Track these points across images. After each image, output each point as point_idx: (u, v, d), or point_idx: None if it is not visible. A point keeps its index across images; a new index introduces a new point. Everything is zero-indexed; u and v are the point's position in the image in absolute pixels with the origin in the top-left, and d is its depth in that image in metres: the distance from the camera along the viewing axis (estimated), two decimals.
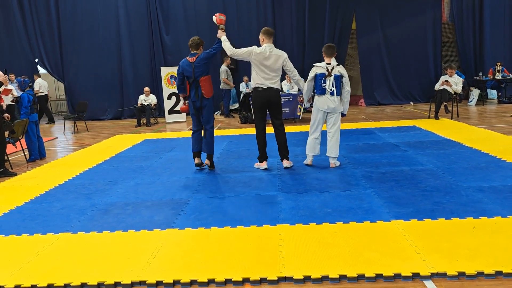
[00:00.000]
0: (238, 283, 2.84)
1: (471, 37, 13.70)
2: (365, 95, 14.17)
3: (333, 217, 3.87)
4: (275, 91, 5.60)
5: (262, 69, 5.50)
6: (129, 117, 14.00)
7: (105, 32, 14.03)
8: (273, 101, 5.60)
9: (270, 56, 5.48)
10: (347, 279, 2.82)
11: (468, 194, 4.30)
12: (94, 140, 9.53)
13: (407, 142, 7.17)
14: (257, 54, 5.46)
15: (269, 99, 5.57)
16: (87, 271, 3.09)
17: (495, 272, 2.77)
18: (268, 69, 5.50)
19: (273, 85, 5.55)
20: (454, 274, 2.78)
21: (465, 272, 2.78)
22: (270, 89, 5.54)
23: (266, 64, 5.48)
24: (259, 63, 5.49)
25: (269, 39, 5.59)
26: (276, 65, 5.53)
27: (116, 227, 3.92)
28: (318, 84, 5.55)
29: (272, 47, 5.54)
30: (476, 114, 10.53)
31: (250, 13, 13.80)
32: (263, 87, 5.54)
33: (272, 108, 5.65)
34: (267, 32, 5.63)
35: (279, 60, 5.53)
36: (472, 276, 2.76)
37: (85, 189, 5.33)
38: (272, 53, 5.50)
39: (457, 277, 2.77)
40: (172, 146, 8.12)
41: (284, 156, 5.78)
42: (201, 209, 4.31)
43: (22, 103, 7.16)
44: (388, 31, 13.82)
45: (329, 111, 5.59)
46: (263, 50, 5.48)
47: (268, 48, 5.50)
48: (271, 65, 5.50)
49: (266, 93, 5.54)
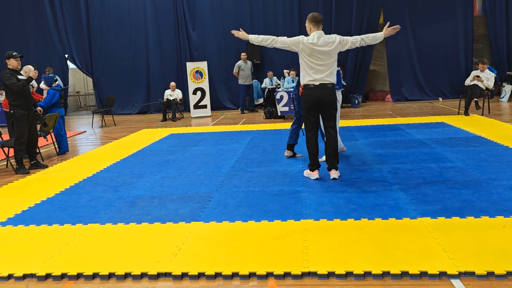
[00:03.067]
0: (262, 277, 2.85)
1: (504, 31, 13.24)
2: (392, 90, 13.92)
3: (358, 213, 3.83)
4: (330, 89, 4.83)
5: (313, 61, 4.77)
6: (155, 112, 14.20)
7: (133, 27, 14.24)
8: (327, 101, 4.82)
9: (321, 45, 4.76)
10: (372, 275, 2.79)
11: (498, 192, 4.18)
12: (121, 134, 9.72)
13: (435, 138, 7.02)
14: (306, 44, 4.76)
15: (321, 99, 4.80)
16: (115, 261, 3.16)
17: None
18: (320, 61, 4.76)
19: (326, 81, 4.80)
20: (483, 273, 2.71)
21: (494, 272, 2.72)
22: (324, 87, 4.79)
23: (317, 55, 4.76)
24: (309, 55, 4.77)
25: (318, 27, 4.86)
26: (330, 55, 4.78)
27: (143, 219, 4.00)
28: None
29: (321, 34, 4.83)
30: (508, 111, 10.20)
31: (276, 7, 13.74)
32: (315, 84, 4.79)
33: (325, 108, 4.89)
34: (314, 18, 4.87)
35: (333, 47, 4.79)
36: (501, 276, 2.69)
37: (113, 181, 5.45)
38: (323, 41, 4.78)
39: (486, 277, 2.71)
40: (198, 140, 8.19)
41: (332, 165, 4.99)
42: (226, 203, 4.34)
43: (49, 98, 7.34)
44: (417, 25, 13.51)
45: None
46: (312, 39, 4.78)
47: (317, 36, 4.80)
48: (323, 56, 4.76)
49: (318, 92, 4.78)
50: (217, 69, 13.99)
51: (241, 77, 12.68)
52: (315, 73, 4.80)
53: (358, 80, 13.81)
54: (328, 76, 4.81)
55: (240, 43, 13.73)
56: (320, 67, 4.79)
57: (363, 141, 7.18)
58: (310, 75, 4.82)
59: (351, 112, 11.63)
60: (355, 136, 7.74)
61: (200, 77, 12.51)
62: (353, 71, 13.73)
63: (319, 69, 4.79)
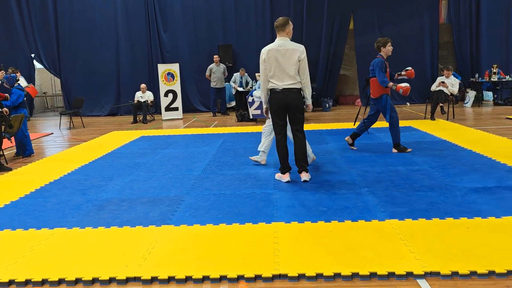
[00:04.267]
0: (233, 280, 2.85)
1: (468, 39, 13.75)
2: (361, 95, 14.18)
3: (329, 216, 3.88)
4: (295, 93, 4.89)
5: (276, 67, 4.83)
6: (125, 114, 13.96)
7: (103, 28, 13.98)
8: (292, 105, 4.89)
9: (282, 52, 4.81)
10: (342, 277, 2.83)
11: (462, 195, 4.32)
12: (90, 136, 9.51)
13: (403, 142, 7.18)
14: (267, 52, 4.84)
15: (287, 103, 4.87)
16: (82, 266, 3.09)
17: (488, 272, 2.79)
18: (281, 67, 4.82)
19: (291, 85, 4.85)
20: (447, 273, 2.80)
21: (458, 272, 2.80)
22: (288, 91, 4.86)
23: (279, 61, 4.81)
24: (273, 62, 4.83)
25: (281, 32, 4.88)
26: (290, 61, 4.81)
27: (111, 223, 3.92)
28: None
29: (284, 41, 4.86)
30: (471, 116, 10.58)
31: (248, 13, 13.78)
32: (279, 89, 4.86)
33: (291, 112, 4.96)
34: (276, 25, 4.93)
35: (293, 55, 4.81)
36: (465, 276, 2.78)
37: (81, 184, 5.32)
38: (284, 47, 4.82)
39: (451, 277, 2.79)
40: (169, 143, 8.11)
41: (302, 167, 5.07)
42: (197, 206, 4.31)
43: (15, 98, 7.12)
44: (385, 32, 13.80)
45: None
46: (274, 45, 4.86)
47: (279, 43, 4.86)
48: (284, 62, 4.81)
49: (282, 96, 4.85)
50: (189, 71, 13.90)
51: (213, 80, 12.65)
52: (278, 79, 4.86)
53: (328, 84, 14.02)
54: (293, 83, 4.85)
55: (212, 45, 13.72)
56: (281, 74, 4.84)
57: (333, 145, 7.29)
58: (274, 79, 4.87)
59: (321, 116, 11.78)
60: (326, 139, 7.85)
61: (172, 79, 12.40)
62: (324, 75, 13.94)
63: (281, 76, 4.84)
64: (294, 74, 4.85)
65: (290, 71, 4.83)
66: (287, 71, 4.83)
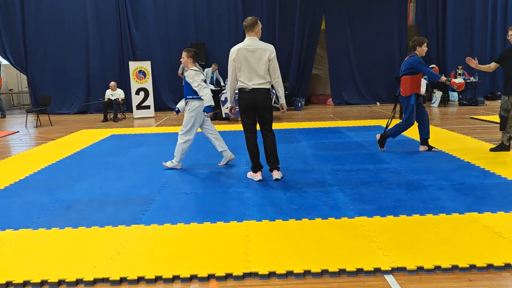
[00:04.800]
0: (204, 279, 2.84)
1: (435, 41, 14.15)
2: (333, 94, 14.40)
3: (299, 214, 3.92)
4: (264, 93, 4.92)
5: (245, 66, 4.84)
6: (95, 112, 13.69)
7: (72, 23, 13.65)
8: (261, 105, 4.91)
9: (251, 51, 4.81)
10: (311, 274, 2.87)
11: (428, 192, 4.45)
12: (58, 135, 9.27)
13: (373, 141, 7.33)
14: (237, 51, 4.84)
15: (255, 103, 4.90)
16: (48, 268, 3.01)
17: (451, 267, 2.88)
18: (251, 67, 4.82)
19: (260, 85, 4.86)
20: (413, 268, 2.88)
21: (423, 267, 2.89)
22: (257, 91, 4.87)
23: (248, 61, 4.82)
24: (242, 61, 4.84)
25: (250, 32, 4.87)
26: (260, 61, 4.81)
27: (80, 223, 3.84)
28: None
29: (253, 40, 4.86)
30: (438, 115, 10.89)
31: (221, 11, 13.74)
32: (248, 88, 4.87)
33: (259, 112, 4.98)
34: (245, 25, 4.90)
35: (263, 54, 4.81)
36: (430, 271, 2.87)
37: (48, 184, 5.19)
38: (254, 47, 4.82)
39: (416, 272, 2.87)
40: (140, 142, 8.00)
41: (273, 165, 5.09)
42: (168, 205, 4.28)
43: None
44: (356, 33, 14.09)
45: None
46: (244, 45, 4.86)
47: (248, 42, 4.86)
48: (253, 62, 4.82)
49: (251, 96, 4.87)
50: (161, 69, 13.74)
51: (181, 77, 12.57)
52: (247, 79, 4.87)
53: (301, 84, 14.15)
54: (262, 83, 4.86)
55: (185, 43, 13.58)
56: (250, 74, 4.85)
57: (305, 143, 7.36)
58: (243, 78, 4.88)
59: (294, 115, 11.88)
60: (298, 138, 7.92)
61: (144, 77, 12.23)
62: (296, 75, 14.06)
63: (250, 76, 4.85)
64: (264, 74, 4.85)
65: (260, 71, 4.83)
66: (256, 71, 4.83)
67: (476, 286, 2.69)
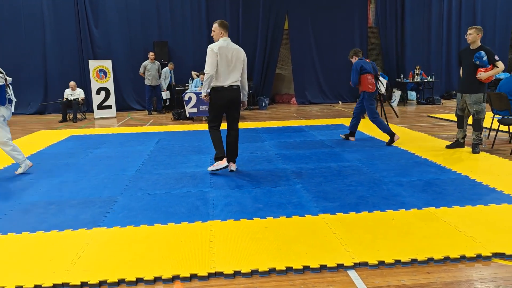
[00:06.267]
0: (168, 281, 2.81)
1: (394, 42, 14.58)
2: (297, 94, 14.55)
3: (264, 212, 3.94)
4: (237, 91, 5.24)
5: (224, 65, 5.07)
6: (54, 112, 13.23)
7: (28, 21, 13.11)
8: (235, 102, 5.25)
9: (231, 50, 5.11)
10: (276, 272, 2.89)
11: (389, 188, 4.58)
12: (15, 136, 8.89)
13: (335, 140, 7.48)
14: (219, 49, 5.02)
15: (231, 99, 5.19)
16: (4, 274, 2.89)
17: (410, 260, 2.98)
18: (229, 66, 5.09)
19: (235, 83, 5.18)
20: (374, 263, 2.96)
21: (384, 261, 2.97)
22: (232, 88, 5.18)
23: (229, 59, 5.08)
24: (223, 59, 5.05)
25: (225, 33, 5.18)
26: (238, 60, 5.16)
27: (38, 228, 3.71)
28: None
29: (229, 41, 5.18)
30: (398, 114, 11.22)
31: (184, 10, 13.59)
32: (224, 86, 5.12)
33: (232, 108, 5.28)
34: (225, 25, 5.19)
35: (239, 54, 5.17)
36: (391, 265, 2.96)
37: (3, 188, 4.97)
38: (232, 47, 5.14)
39: (378, 266, 2.95)
40: (101, 142, 7.80)
41: (232, 158, 5.47)
42: (131, 207, 4.20)
43: None
44: (319, 33, 14.30)
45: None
46: (224, 44, 5.10)
47: (227, 42, 5.13)
48: (234, 60, 5.11)
49: (228, 93, 5.15)
50: (123, 68, 13.45)
51: (147, 78, 12.35)
52: (224, 78, 5.12)
53: (265, 83, 14.22)
54: (236, 80, 5.21)
55: (147, 42, 13.37)
56: (230, 72, 5.14)
57: (269, 142, 7.41)
58: (220, 77, 5.11)
59: (258, 114, 11.92)
60: (262, 137, 7.96)
61: (104, 76, 11.94)
62: (260, 74, 14.12)
63: (226, 74, 5.12)
64: (239, 73, 5.21)
65: (238, 70, 5.19)
66: (235, 70, 5.16)
67: (434, 278, 2.79)
